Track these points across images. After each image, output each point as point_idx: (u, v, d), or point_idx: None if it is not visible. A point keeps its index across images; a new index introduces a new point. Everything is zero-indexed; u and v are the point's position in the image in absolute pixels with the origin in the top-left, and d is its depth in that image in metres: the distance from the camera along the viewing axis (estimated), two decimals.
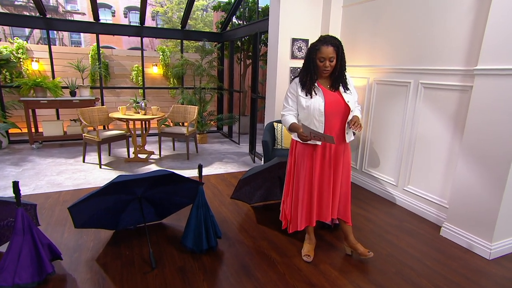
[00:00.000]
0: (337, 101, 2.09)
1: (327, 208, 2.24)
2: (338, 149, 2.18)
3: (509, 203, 2.34)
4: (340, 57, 2.05)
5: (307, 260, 2.27)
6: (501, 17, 2.22)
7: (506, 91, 2.22)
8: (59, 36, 16.42)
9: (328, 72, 2.09)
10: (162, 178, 2.25)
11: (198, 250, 2.32)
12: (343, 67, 2.09)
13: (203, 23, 13.22)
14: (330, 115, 2.09)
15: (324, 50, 2.01)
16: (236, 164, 4.72)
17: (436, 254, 2.43)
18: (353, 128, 2.05)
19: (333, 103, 2.08)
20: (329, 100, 2.08)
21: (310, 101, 2.09)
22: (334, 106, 2.08)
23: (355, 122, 2.04)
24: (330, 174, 2.20)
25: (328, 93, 2.10)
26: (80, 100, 5.28)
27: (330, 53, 2.01)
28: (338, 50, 2.03)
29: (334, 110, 2.09)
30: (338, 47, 2.03)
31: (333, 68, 2.07)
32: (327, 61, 2.03)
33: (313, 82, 2.10)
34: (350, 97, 2.12)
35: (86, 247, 2.38)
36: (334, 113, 2.09)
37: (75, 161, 4.56)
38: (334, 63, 2.05)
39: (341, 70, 2.09)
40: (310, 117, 2.11)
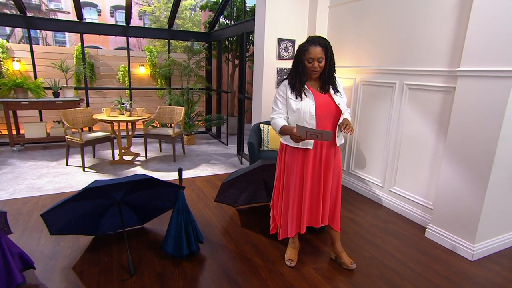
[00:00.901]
0: (328, 104, 2.03)
1: (317, 214, 2.16)
2: (329, 153, 2.11)
3: (491, 204, 2.35)
4: (329, 58, 2.00)
5: (290, 265, 2.23)
6: (481, 20, 2.22)
7: (487, 93, 2.22)
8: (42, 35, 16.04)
9: (317, 73, 2.02)
10: (141, 183, 2.19)
11: (178, 255, 2.27)
12: (332, 68, 2.04)
13: (191, 22, 13.09)
14: (321, 118, 2.01)
15: (312, 51, 1.96)
16: (223, 165, 4.66)
17: (420, 256, 2.42)
18: (344, 132, 1.96)
19: (324, 106, 2.01)
20: (320, 103, 2.01)
21: (300, 104, 2.01)
22: (325, 109, 2.02)
23: (347, 125, 1.96)
24: (320, 179, 2.11)
25: (319, 95, 2.04)
26: (63, 101, 5.15)
27: (318, 53, 1.95)
28: (326, 50, 1.98)
29: (325, 113, 2.02)
30: (327, 48, 1.98)
31: (322, 69, 2.01)
32: (315, 62, 1.97)
33: (303, 84, 2.03)
34: (341, 100, 2.06)
35: (63, 254, 2.30)
36: (325, 116, 2.03)
37: (58, 164, 4.45)
38: (323, 64, 2.00)
39: (331, 71, 2.04)
40: (300, 120, 2.02)
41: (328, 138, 1.84)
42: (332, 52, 2.02)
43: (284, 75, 4.14)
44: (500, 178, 2.32)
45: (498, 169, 2.27)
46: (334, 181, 2.18)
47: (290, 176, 2.15)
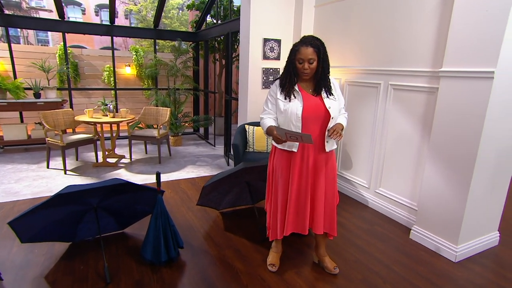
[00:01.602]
0: (317, 106, 1.93)
1: (303, 220, 2.07)
2: (318, 159, 2.01)
3: (473, 204, 2.34)
4: (322, 59, 1.90)
5: (271, 269, 2.18)
6: (462, 21, 2.21)
7: (468, 93, 2.20)
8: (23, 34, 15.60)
9: (308, 74, 1.92)
10: (117, 188, 2.11)
11: (157, 262, 2.20)
12: (325, 70, 1.93)
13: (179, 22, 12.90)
14: (307, 120, 1.93)
15: (303, 51, 1.86)
16: (210, 167, 4.59)
17: (404, 259, 2.40)
18: (331, 137, 1.87)
19: (311, 108, 1.93)
20: (308, 105, 1.93)
21: (288, 105, 1.94)
22: (313, 111, 1.93)
23: (334, 130, 1.87)
24: (307, 185, 2.02)
25: (308, 98, 1.95)
26: (45, 102, 5.01)
27: (309, 54, 1.86)
28: (319, 51, 1.87)
29: (312, 116, 1.93)
30: (319, 49, 1.87)
31: (313, 70, 1.91)
32: (306, 63, 1.88)
33: (293, 85, 1.95)
34: (333, 103, 1.95)
35: (36, 263, 2.20)
36: (313, 118, 1.94)
37: (38, 167, 4.32)
38: (314, 65, 1.89)
39: (324, 73, 1.94)
40: (287, 121, 1.96)
41: (308, 141, 1.77)
42: (326, 54, 1.93)
43: (270, 76, 4.10)
44: (482, 179, 2.31)
45: (480, 170, 2.26)
46: (329, 189, 2.06)
47: (278, 178, 2.09)
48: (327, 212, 2.10)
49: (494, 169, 2.36)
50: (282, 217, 2.09)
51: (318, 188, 2.03)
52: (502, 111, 2.20)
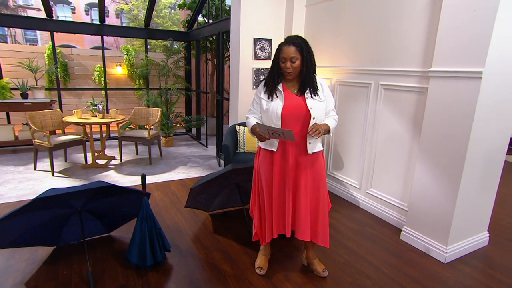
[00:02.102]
0: (298, 106, 1.90)
1: (283, 222, 2.03)
2: (300, 161, 1.96)
3: (463, 205, 2.33)
4: (306, 59, 1.86)
5: (259, 273, 2.14)
6: (451, 21, 2.19)
7: (457, 93, 2.19)
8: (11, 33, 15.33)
9: (291, 74, 1.89)
10: (100, 190, 2.06)
11: (143, 265, 2.15)
12: (309, 69, 1.89)
13: (171, 21, 12.77)
14: (287, 119, 1.90)
15: (285, 50, 1.85)
16: (201, 168, 4.54)
17: (394, 260, 2.38)
18: (310, 133, 1.85)
19: (292, 107, 1.89)
20: (289, 104, 1.90)
21: (270, 104, 1.93)
22: (294, 111, 1.89)
23: (313, 127, 1.84)
24: (285, 187, 1.98)
25: (291, 97, 1.92)
26: (32, 102, 4.92)
27: (291, 53, 1.83)
28: (301, 50, 1.84)
29: (293, 115, 1.89)
30: (302, 47, 1.84)
31: (296, 70, 1.88)
32: (288, 62, 1.85)
33: (275, 84, 1.94)
34: (317, 104, 1.91)
35: (16, 269, 2.14)
36: (293, 118, 1.90)
37: (25, 168, 4.23)
38: (297, 65, 1.86)
39: (308, 72, 1.89)
40: (268, 120, 1.95)
41: (290, 137, 1.76)
42: (310, 53, 1.89)
43: (261, 75, 4.06)
44: (471, 179, 2.30)
45: (470, 170, 2.25)
46: (315, 193, 2.00)
47: (262, 179, 2.07)
48: (317, 219, 2.02)
49: (483, 170, 2.36)
50: (269, 221, 2.06)
51: (300, 191, 1.97)
52: (491, 111, 2.19)
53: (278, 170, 1.98)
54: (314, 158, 1.99)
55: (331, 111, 2.02)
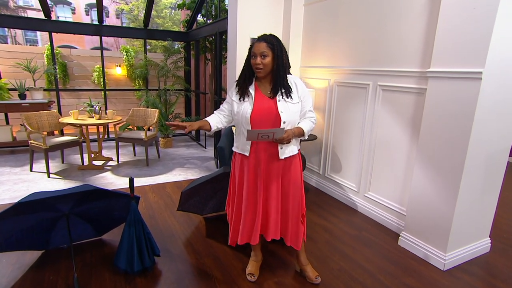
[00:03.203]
0: (268, 109, 1.80)
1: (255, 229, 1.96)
2: (272, 166, 1.88)
3: (462, 210, 2.24)
4: (277, 56, 1.77)
5: (250, 279, 2.08)
6: (450, 20, 2.11)
7: (456, 94, 2.11)
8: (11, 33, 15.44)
9: (260, 71, 1.79)
10: (86, 194, 2.01)
11: (131, 271, 2.09)
12: (280, 67, 1.78)
13: (171, 21, 12.76)
14: (256, 124, 1.81)
15: (256, 46, 1.78)
16: (198, 170, 4.49)
17: (391, 267, 2.30)
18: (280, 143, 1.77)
19: (262, 111, 1.80)
20: (258, 107, 1.81)
21: (240, 107, 1.85)
22: (263, 115, 1.80)
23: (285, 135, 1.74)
24: (259, 192, 1.91)
25: (262, 99, 1.83)
26: (30, 103, 4.90)
27: (261, 48, 1.76)
28: (273, 47, 1.76)
29: (262, 119, 1.80)
30: (273, 44, 1.77)
31: (267, 67, 1.78)
32: (258, 57, 1.76)
33: (247, 85, 1.86)
34: (289, 107, 1.81)
35: (2, 274, 2.10)
36: (262, 122, 1.81)
37: (22, 170, 4.21)
38: (267, 61, 1.76)
39: (278, 71, 1.79)
40: (239, 124, 1.88)
41: (280, 134, 1.72)
42: (282, 50, 1.80)
43: None
44: (472, 183, 2.22)
45: (470, 174, 2.17)
46: (290, 197, 1.93)
47: (235, 181, 2.03)
48: (287, 220, 1.96)
49: (484, 173, 2.27)
50: (238, 224, 2.02)
51: (271, 195, 1.91)
52: (491, 113, 2.11)
53: (250, 175, 1.93)
54: (288, 162, 1.91)
55: (308, 112, 1.91)
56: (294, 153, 1.92)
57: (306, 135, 1.88)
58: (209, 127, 1.92)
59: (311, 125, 1.91)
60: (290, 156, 1.91)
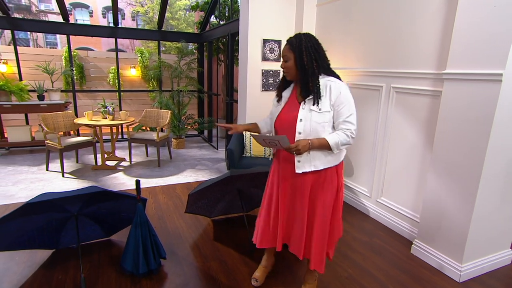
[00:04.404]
0: (291, 117, 1.67)
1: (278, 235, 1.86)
2: (292, 178, 1.74)
3: (480, 219, 2.13)
4: (298, 57, 1.61)
5: (253, 284, 2.04)
6: (468, 18, 2.01)
7: (474, 98, 2.00)
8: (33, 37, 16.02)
9: (287, 74, 1.71)
10: (94, 195, 2.03)
11: (136, 273, 2.10)
12: (303, 70, 1.61)
13: (186, 23, 12.89)
14: (279, 130, 1.75)
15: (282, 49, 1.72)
16: (209, 171, 4.49)
17: (402, 277, 2.21)
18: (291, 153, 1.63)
19: (285, 117, 1.71)
20: (284, 112, 1.73)
21: (274, 110, 1.82)
22: (285, 122, 1.71)
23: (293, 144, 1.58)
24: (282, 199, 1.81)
25: (292, 104, 1.72)
26: (48, 104, 5.04)
27: (284, 51, 1.67)
28: (293, 48, 1.62)
29: (284, 126, 1.72)
30: (293, 44, 1.62)
31: (291, 70, 1.65)
32: (282, 62, 1.69)
33: (281, 88, 1.80)
34: (312, 115, 1.61)
35: (14, 271, 2.15)
36: (283, 129, 1.72)
37: (38, 169, 4.33)
38: (289, 64, 1.64)
39: (302, 74, 1.62)
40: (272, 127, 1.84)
41: (285, 143, 1.57)
42: (305, 50, 1.60)
43: (270, 78, 3.96)
44: (490, 191, 2.10)
45: (488, 181, 2.05)
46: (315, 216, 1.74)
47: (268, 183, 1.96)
48: (314, 245, 1.76)
49: (504, 180, 2.15)
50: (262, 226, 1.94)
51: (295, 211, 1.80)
52: (511, 117, 1.99)
53: (273, 180, 1.88)
54: (315, 178, 1.71)
55: (342, 123, 1.62)
56: (317, 168, 1.67)
57: (334, 149, 1.61)
58: (258, 129, 1.94)
59: (344, 137, 1.61)
60: (315, 172, 1.69)
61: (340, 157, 1.73)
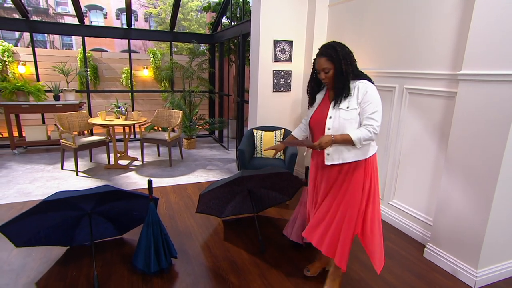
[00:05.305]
0: (323, 115, 1.86)
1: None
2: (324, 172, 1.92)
3: (496, 224, 2.07)
4: (339, 66, 1.74)
5: (305, 273, 2.18)
6: (485, 17, 1.96)
7: (491, 99, 1.96)
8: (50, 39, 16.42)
9: (328, 84, 1.85)
10: (108, 194, 2.07)
11: (148, 271, 2.13)
12: (341, 76, 1.76)
13: (197, 24, 13.00)
14: (313, 129, 1.95)
15: (317, 62, 1.82)
16: (220, 171, 4.51)
17: (415, 281, 2.17)
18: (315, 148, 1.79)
19: (317, 116, 1.91)
20: (317, 112, 1.92)
21: (308, 111, 2.02)
22: (318, 120, 1.89)
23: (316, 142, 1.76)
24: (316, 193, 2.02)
25: (324, 105, 1.90)
26: (63, 104, 5.16)
27: (322, 64, 1.78)
28: (332, 59, 1.75)
29: (317, 125, 1.90)
30: (332, 56, 1.75)
31: (331, 79, 1.80)
32: (322, 73, 1.81)
33: (313, 93, 1.98)
34: (340, 113, 1.77)
35: (31, 267, 2.21)
36: (316, 127, 1.91)
37: (54, 168, 4.43)
38: (330, 74, 1.78)
39: (338, 81, 1.77)
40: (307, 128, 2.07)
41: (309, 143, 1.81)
42: (343, 59, 1.74)
43: (281, 78, 3.96)
44: (506, 196, 2.05)
45: (505, 185, 2.00)
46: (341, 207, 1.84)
47: None
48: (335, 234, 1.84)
49: None
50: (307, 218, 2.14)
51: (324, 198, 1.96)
52: None
53: (311, 176, 2.07)
54: (344, 171, 1.85)
55: (365, 119, 1.76)
56: (346, 161, 1.81)
57: (357, 143, 1.73)
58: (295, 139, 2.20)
59: (366, 133, 1.73)
60: (343, 164, 1.83)
61: (368, 151, 1.85)
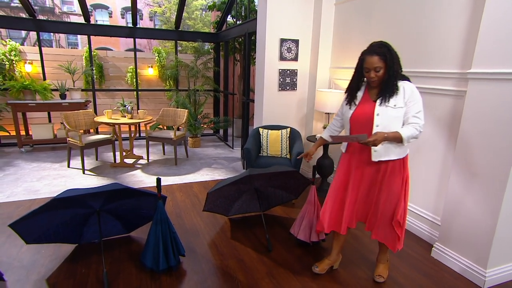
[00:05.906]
0: (367, 112, 1.89)
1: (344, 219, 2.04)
2: (365, 167, 1.96)
3: (506, 224, 2.06)
4: (389, 66, 1.80)
5: (313, 270, 2.20)
6: (496, 15, 1.95)
7: (501, 98, 1.94)
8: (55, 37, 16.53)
9: (375, 82, 1.87)
10: (116, 192, 2.08)
11: (157, 269, 2.14)
12: (391, 77, 1.82)
13: (202, 23, 13.02)
14: (355, 125, 1.95)
15: (368, 60, 1.82)
16: (225, 170, 4.52)
17: (423, 280, 2.17)
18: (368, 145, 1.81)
19: (360, 112, 1.92)
20: (359, 109, 1.93)
21: (346, 109, 2.01)
22: (361, 117, 1.91)
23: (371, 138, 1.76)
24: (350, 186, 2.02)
25: (366, 102, 1.92)
26: (69, 103, 5.19)
27: (374, 63, 1.80)
28: (385, 58, 1.79)
29: (360, 121, 1.92)
30: (386, 56, 1.79)
31: (381, 78, 1.84)
32: (372, 72, 1.83)
33: (353, 91, 1.98)
34: (387, 111, 1.82)
35: (41, 264, 2.23)
36: (359, 123, 1.92)
37: (60, 166, 4.46)
38: (381, 73, 1.82)
39: (388, 80, 1.82)
40: (345, 124, 2.07)
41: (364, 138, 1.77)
42: (394, 59, 1.81)
43: (287, 77, 3.95)
44: None
45: None
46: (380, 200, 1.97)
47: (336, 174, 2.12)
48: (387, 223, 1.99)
49: None
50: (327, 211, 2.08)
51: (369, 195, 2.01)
52: None
53: (342, 169, 2.06)
54: (384, 167, 1.92)
55: (411, 118, 1.83)
56: (391, 158, 1.89)
57: (405, 141, 1.80)
58: (324, 141, 2.26)
59: (413, 131, 1.80)
60: (387, 161, 1.90)
61: (406, 150, 1.93)
